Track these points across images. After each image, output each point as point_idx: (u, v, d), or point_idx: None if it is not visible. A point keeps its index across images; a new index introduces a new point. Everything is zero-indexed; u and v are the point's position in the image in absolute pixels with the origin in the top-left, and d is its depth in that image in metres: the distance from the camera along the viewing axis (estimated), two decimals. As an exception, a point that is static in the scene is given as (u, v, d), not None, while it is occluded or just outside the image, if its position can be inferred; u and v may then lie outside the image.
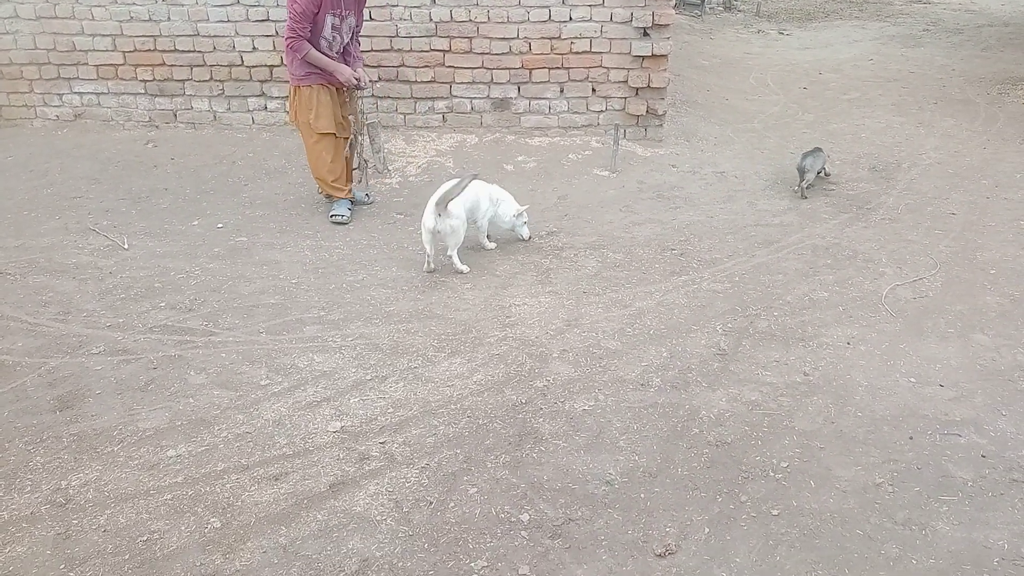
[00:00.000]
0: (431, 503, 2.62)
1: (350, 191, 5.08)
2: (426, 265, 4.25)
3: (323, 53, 4.62)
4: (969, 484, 2.70)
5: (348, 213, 4.98)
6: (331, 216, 4.97)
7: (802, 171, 5.50)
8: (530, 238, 4.66)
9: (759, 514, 2.57)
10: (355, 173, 5.24)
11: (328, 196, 5.08)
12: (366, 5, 4.92)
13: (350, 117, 4.96)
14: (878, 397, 3.18)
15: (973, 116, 7.42)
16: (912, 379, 3.30)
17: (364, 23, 5.07)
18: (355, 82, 4.74)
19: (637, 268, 4.35)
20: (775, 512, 2.58)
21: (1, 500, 2.63)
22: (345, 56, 4.84)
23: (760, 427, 3.00)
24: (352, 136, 5.02)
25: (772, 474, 2.75)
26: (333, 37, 4.64)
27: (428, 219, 4.11)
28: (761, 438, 2.94)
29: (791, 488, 2.69)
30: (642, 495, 2.66)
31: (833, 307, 3.90)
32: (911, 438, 2.93)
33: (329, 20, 4.56)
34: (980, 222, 4.95)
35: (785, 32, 12.13)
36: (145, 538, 2.47)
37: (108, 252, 4.57)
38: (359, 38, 4.99)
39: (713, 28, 12.14)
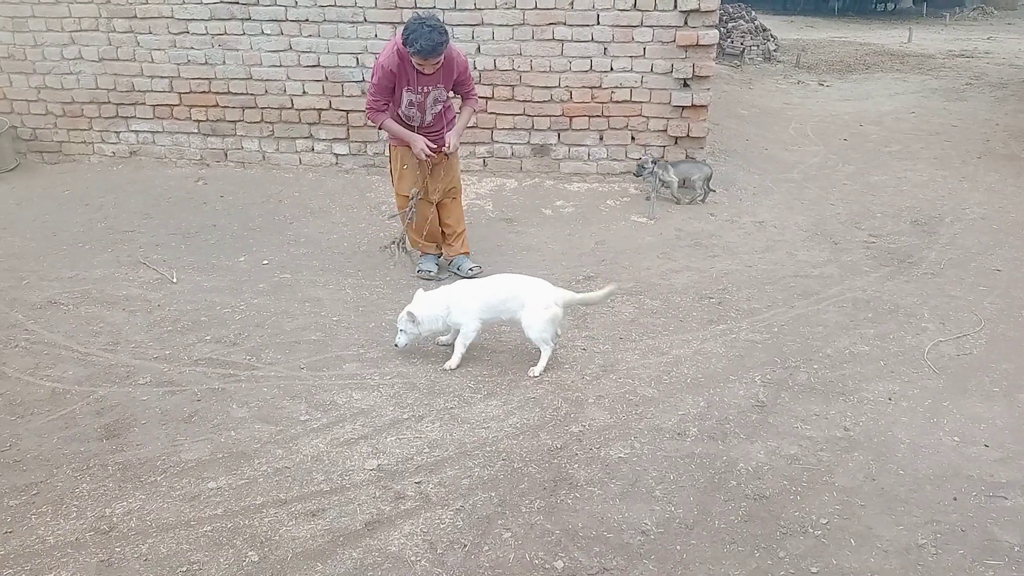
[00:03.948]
0: (465, 546, 2.62)
1: (438, 247, 5.04)
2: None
3: (401, 121, 4.58)
4: (1016, 549, 2.63)
5: (435, 268, 4.95)
6: (417, 272, 4.92)
7: (694, 181, 6.12)
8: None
9: (797, 571, 2.53)
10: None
11: (419, 250, 5.03)
12: (464, 70, 4.59)
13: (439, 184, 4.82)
14: (920, 455, 3.12)
15: (1019, 171, 7.33)
16: (956, 438, 3.24)
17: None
18: (423, 156, 4.54)
19: (674, 315, 4.35)
20: (814, 570, 2.53)
21: (47, 525, 2.70)
22: (441, 122, 4.70)
23: (799, 482, 2.96)
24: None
25: (811, 530, 2.71)
26: (412, 112, 4.57)
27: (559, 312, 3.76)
28: (800, 493, 2.90)
29: (831, 546, 2.64)
30: (678, 547, 2.63)
31: (874, 361, 3.85)
32: (955, 499, 2.87)
33: (406, 96, 4.49)
34: (1026, 279, 4.87)
35: (825, 83, 12.17)
36: (185, 569, 2.51)
37: (157, 285, 4.70)
38: (475, 97, 4.77)
39: (752, 78, 12.22)
